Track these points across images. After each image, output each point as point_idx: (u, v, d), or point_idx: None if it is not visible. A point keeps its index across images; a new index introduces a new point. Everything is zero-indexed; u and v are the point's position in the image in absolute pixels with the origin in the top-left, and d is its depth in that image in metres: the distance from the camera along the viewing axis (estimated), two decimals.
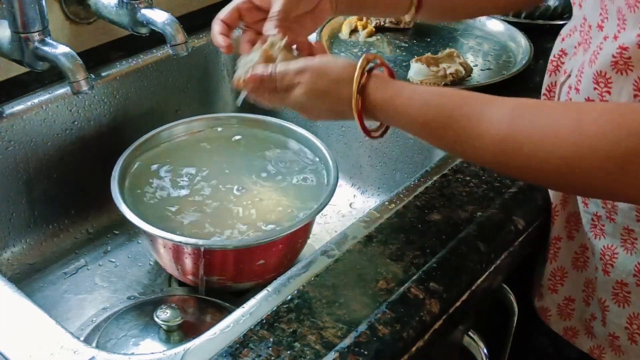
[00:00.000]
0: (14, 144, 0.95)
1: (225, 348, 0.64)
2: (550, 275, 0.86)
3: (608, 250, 0.78)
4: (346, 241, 0.76)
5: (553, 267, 0.86)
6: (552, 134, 0.60)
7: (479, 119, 0.63)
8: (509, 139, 0.61)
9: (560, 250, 0.85)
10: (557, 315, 0.87)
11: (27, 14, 0.86)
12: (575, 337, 0.86)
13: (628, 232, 0.75)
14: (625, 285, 0.77)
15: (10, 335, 0.65)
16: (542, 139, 0.60)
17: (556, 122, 0.60)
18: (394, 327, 0.66)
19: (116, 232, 1.06)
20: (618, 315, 0.79)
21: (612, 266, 0.78)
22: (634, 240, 0.75)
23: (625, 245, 0.76)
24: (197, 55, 1.16)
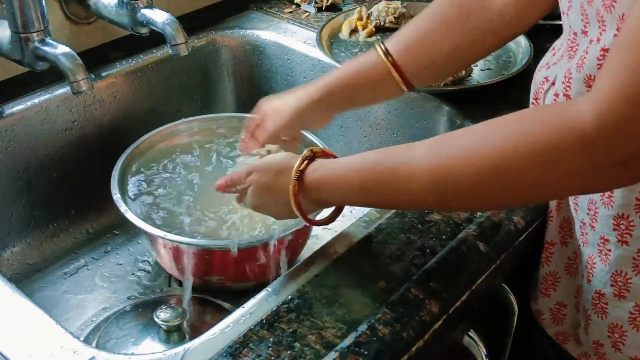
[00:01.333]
0: (14, 144, 0.95)
1: (225, 348, 0.64)
2: (542, 280, 0.86)
3: (590, 259, 0.78)
4: (346, 241, 0.76)
5: (546, 272, 0.85)
6: (477, 147, 0.60)
7: (407, 164, 0.64)
8: (439, 168, 0.62)
9: (554, 255, 0.84)
10: (550, 319, 0.87)
11: (27, 14, 0.86)
12: (565, 342, 0.86)
13: (604, 241, 0.75)
14: (602, 296, 0.77)
15: (10, 335, 0.65)
16: (467, 155, 0.60)
17: (475, 137, 0.61)
18: (394, 327, 0.66)
19: (116, 232, 1.06)
20: (599, 325, 0.79)
21: (592, 275, 0.78)
22: (607, 251, 0.75)
23: (600, 255, 0.76)
24: (197, 55, 1.16)
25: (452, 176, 0.61)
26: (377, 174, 0.66)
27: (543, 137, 0.56)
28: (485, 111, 0.97)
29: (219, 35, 1.19)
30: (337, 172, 0.69)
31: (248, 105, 1.23)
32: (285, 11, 1.27)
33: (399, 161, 0.65)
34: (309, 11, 1.27)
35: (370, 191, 0.67)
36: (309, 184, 0.70)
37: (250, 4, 1.28)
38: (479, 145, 0.60)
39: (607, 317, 0.78)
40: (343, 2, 1.30)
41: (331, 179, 0.69)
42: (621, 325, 0.77)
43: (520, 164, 0.57)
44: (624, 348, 0.78)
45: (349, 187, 0.68)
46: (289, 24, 1.22)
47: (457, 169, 0.61)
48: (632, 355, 0.78)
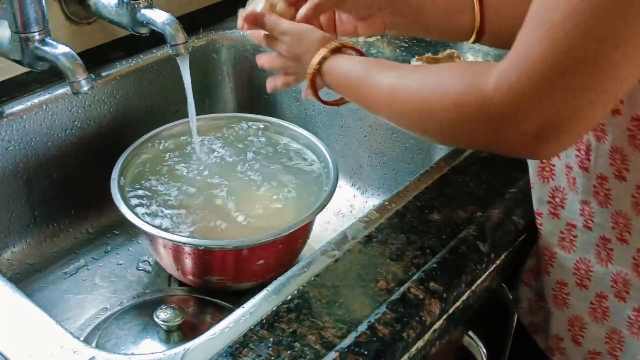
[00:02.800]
0: (14, 144, 0.95)
1: (225, 348, 0.64)
2: (527, 270, 0.86)
3: (547, 250, 0.79)
4: (346, 241, 0.76)
5: (531, 263, 0.86)
6: (413, 84, 0.67)
7: (379, 79, 0.71)
8: (394, 90, 0.69)
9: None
10: (527, 309, 0.87)
11: (27, 14, 0.86)
12: (536, 333, 0.87)
13: (570, 227, 0.76)
14: (564, 286, 0.78)
15: (10, 335, 0.65)
16: (409, 88, 0.68)
17: (420, 75, 0.68)
18: (394, 327, 0.66)
19: (116, 232, 1.06)
20: (559, 319, 0.80)
21: (551, 266, 0.79)
22: (573, 238, 0.75)
23: (562, 244, 0.77)
24: (197, 55, 1.16)
25: (398, 103, 0.69)
26: (362, 79, 0.74)
27: (455, 87, 0.62)
28: None
29: (219, 35, 1.19)
30: (343, 66, 0.76)
31: (248, 105, 1.24)
32: None
33: (376, 74, 0.72)
34: None
35: (355, 91, 0.75)
36: (323, 71, 0.77)
37: None
38: (415, 83, 0.68)
39: (569, 308, 0.79)
40: None
41: (338, 73, 0.76)
42: (581, 317, 0.78)
43: (433, 105, 0.64)
44: (584, 341, 0.79)
45: (346, 83, 0.76)
46: None
47: (399, 97, 0.69)
48: (591, 348, 0.79)
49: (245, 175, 0.97)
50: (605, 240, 0.73)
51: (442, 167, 0.87)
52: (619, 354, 0.77)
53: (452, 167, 0.87)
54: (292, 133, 1.03)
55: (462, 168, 0.87)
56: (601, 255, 0.74)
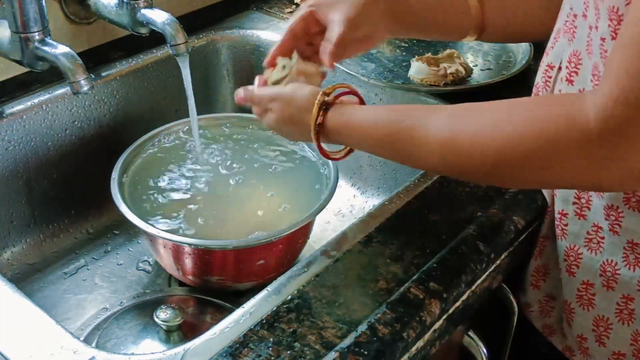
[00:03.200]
0: (14, 144, 0.95)
1: (225, 348, 0.64)
2: (534, 272, 0.86)
3: (571, 251, 0.78)
4: (346, 241, 0.76)
5: (537, 264, 0.85)
6: (487, 130, 0.63)
7: (424, 128, 0.67)
8: (451, 141, 0.65)
9: (546, 248, 0.84)
10: (539, 312, 0.87)
11: (27, 14, 0.86)
12: (552, 335, 0.86)
13: (597, 229, 0.75)
14: (590, 286, 0.77)
15: (10, 335, 0.65)
16: (477, 135, 0.63)
17: (489, 118, 0.64)
18: (394, 327, 0.66)
19: (116, 232, 1.06)
20: (584, 318, 0.79)
21: (577, 267, 0.78)
22: (600, 239, 0.75)
23: (589, 245, 0.76)
24: (197, 55, 1.16)
25: (459, 153, 0.64)
26: (393, 132, 0.69)
27: (550, 128, 0.59)
28: None
29: (219, 35, 1.19)
30: (356, 122, 0.72)
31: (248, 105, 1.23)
32: (285, 11, 1.27)
33: (415, 124, 0.68)
34: None
35: (385, 146, 0.71)
36: (328, 129, 0.74)
37: (250, 4, 1.28)
38: (489, 128, 0.63)
39: (595, 308, 0.78)
40: None
41: (349, 127, 0.73)
42: (607, 317, 0.77)
43: (524, 151, 0.60)
44: (608, 342, 0.78)
45: (365, 137, 0.72)
46: None
47: (466, 146, 0.64)
48: (615, 350, 0.78)
49: (245, 175, 0.97)
50: (633, 245, 0.73)
51: None
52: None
53: None
54: None
55: None
56: (629, 258, 0.73)
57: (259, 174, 0.97)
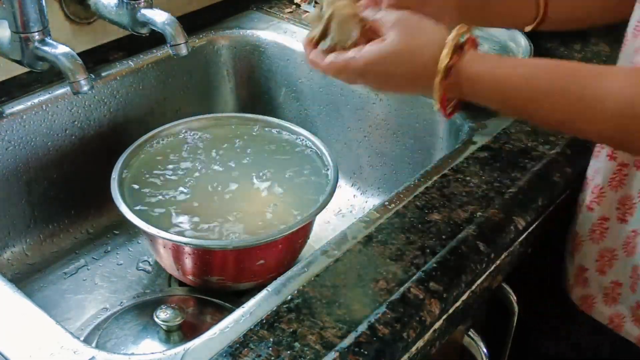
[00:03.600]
0: (14, 144, 0.95)
1: (225, 348, 0.64)
2: (598, 257, 0.83)
3: (607, 252, 0.77)
4: (346, 241, 0.76)
5: (601, 248, 0.82)
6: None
7: (598, 86, 0.61)
8: (634, 101, 0.59)
9: (609, 230, 0.81)
10: (603, 302, 0.84)
11: (27, 14, 0.86)
12: (621, 324, 0.83)
13: (635, 234, 0.74)
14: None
15: (10, 335, 0.65)
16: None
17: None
18: (394, 327, 0.66)
19: (116, 232, 1.06)
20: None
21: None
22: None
23: (626, 248, 0.75)
24: (197, 55, 1.16)
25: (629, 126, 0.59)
26: (557, 89, 0.62)
27: None
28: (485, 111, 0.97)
29: (219, 35, 1.19)
30: (504, 71, 0.64)
31: (248, 105, 1.24)
32: (285, 11, 1.27)
33: (587, 83, 0.61)
34: (309, 11, 1.27)
35: (541, 104, 0.63)
36: (460, 78, 0.64)
37: (250, 4, 1.28)
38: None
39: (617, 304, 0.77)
40: None
41: (494, 79, 0.64)
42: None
43: None
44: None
45: (515, 93, 0.64)
46: (289, 24, 1.22)
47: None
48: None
49: (245, 175, 0.97)
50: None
51: (442, 167, 0.87)
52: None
53: (452, 167, 0.87)
54: (292, 133, 1.03)
55: (462, 168, 0.87)
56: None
57: (259, 174, 0.97)
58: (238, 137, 1.04)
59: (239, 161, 1.00)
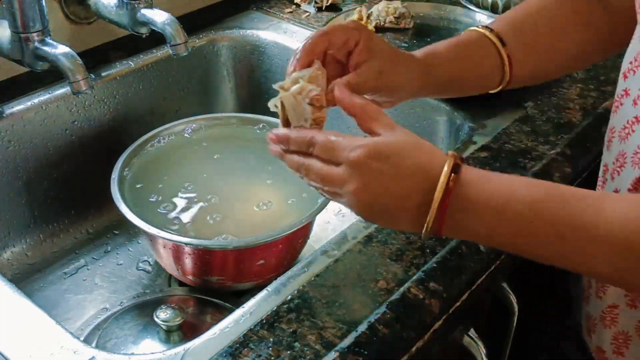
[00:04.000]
0: (14, 144, 0.95)
1: (225, 348, 0.64)
2: (612, 340, 0.79)
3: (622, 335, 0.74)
4: (346, 241, 0.76)
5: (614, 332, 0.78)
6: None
7: (594, 217, 0.55)
8: (630, 238, 0.54)
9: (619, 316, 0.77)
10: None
11: (27, 14, 0.86)
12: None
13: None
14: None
15: (10, 335, 0.65)
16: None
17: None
18: (394, 327, 0.66)
19: (116, 232, 1.06)
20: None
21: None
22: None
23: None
24: (197, 55, 1.16)
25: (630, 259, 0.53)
26: (551, 219, 0.55)
27: None
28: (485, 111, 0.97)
29: (219, 35, 1.19)
30: (497, 198, 0.56)
31: (248, 105, 1.24)
32: (285, 11, 1.27)
33: (584, 213, 0.55)
34: (309, 11, 1.27)
35: (537, 237, 0.56)
36: (460, 199, 0.57)
37: (250, 4, 1.28)
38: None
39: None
40: (343, 2, 1.30)
41: (485, 204, 0.56)
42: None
43: None
44: None
45: (507, 221, 0.57)
46: (289, 24, 1.22)
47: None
48: None
49: (245, 175, 0.97)
50: None
51: None
52: None
53: None
54: None
55: None
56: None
57: (259, 174, 0.97)
58: (238, 137, 1.04)
59: (239, 161, 0.99)
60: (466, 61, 0.79)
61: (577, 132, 0.93)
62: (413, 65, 0.74)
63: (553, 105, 0.99)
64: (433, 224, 0.57)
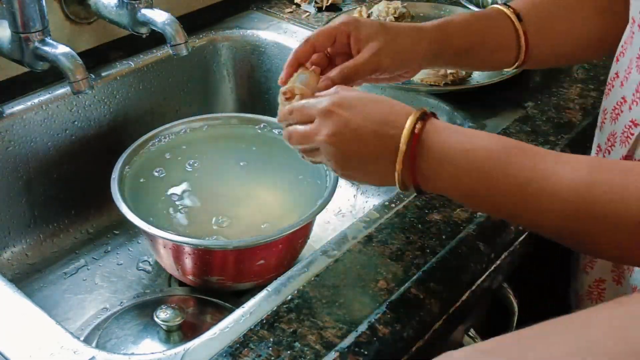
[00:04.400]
0: (14, 144, 0.95)
1: (225, 348, 0.64)
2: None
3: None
4: (346, 241, 0.76)
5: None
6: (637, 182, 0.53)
7: (551, 180, 0.56)
8: (585, 198, 0.55)
9: (605, 291, 0.79)
10: None
11: (27, 14, 0.86)
12: None
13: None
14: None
15: (10, 335, 0.65)
16: (623, 194, 0.54)
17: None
18: (394, 327, 0.66)
19: (116, 232, 1.06)
20: None
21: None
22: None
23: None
24: (197, 55, 1.16)
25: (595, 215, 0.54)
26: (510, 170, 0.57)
27: None
28: (485, 111, 0.97)
29: (219, 35, 1.19)
30: (460, 147, 0.58)
31: (248, 105, 1.24)
32: (286, 11, 1.27)
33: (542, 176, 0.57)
34: (309, 11, 1.27)
35: (496, 188, 0.58)
36: (426, 148, 0.59)
37: (250, 4, 1.28)
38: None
39: None
40: (343, 2, 1.30)
41: (448, 153, 0.58)
42: None
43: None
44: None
45: (468, 171, 0.58)
46: (289, 24, 1.22)
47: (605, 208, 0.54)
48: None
49: (245, 175, 0.97)
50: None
51: None
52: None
53: None
54: None
55: None
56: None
57: (259, 174, 0.97)
58: (238, 137, 1.04)
59: (239, 161, 1.00)
60: (482, 32, 0.80)
61: (577, 132, 0.93)
62: (419, 35, 0.76)
63: (553, 105, 0.99)
64: (403, 171, 0.60)
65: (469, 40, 0.79)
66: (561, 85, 1.03)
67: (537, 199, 0.57)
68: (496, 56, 0.82)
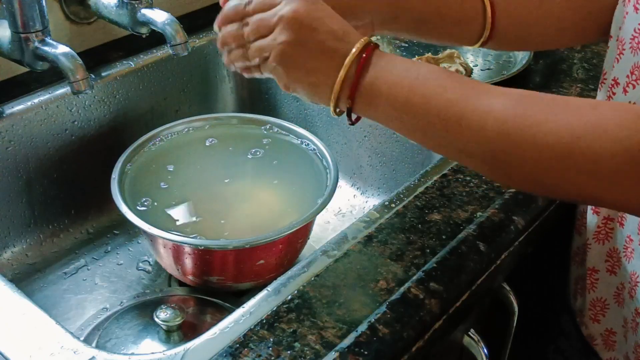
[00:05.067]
0: (14, 144, 0.95)
1: (225, 348, 0.64)
2: (590, 306, 0.82)
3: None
4: (346, 241, 0.76)
5: (593, 298, 0.81)
6: (563, 113, 0.55)
7: (480, 108, 0.57)
8: (514, 124, 0.56)
9: (599, 281, 0.80)
10: (602, 345, 0.83)
11: (27, 14, 0.86)
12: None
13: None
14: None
15: (10, 335, 0.65)
16: (551, 116, 0.55)
17: (569, 105, 0.56)
18: (394, 327, 0.66)
19: (116, 232, 1.06)
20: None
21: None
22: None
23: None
24: (197, 55, 1.16)
25: (522, 141, 0.55)
26: (441, 100, 0.58)
27: (624, 131, 0.52)
28: None
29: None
30: (399, 72, 0.59)
31: (248, 105, 1.24)
32: None
33: (472, 105, 0.58)
34: None
35: (420, 119, 0.60)
36: (368, 76, 0.59)
37: None
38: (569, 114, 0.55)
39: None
40: None
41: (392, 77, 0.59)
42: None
43: (584, 148, 0.53)
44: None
45: (406, 97, 0.59)
46: None
47: (533, 130, 0.55)
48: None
49: (245, 175, 0.97)
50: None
51: (442, 167, 0.87)
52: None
53: (452, 167, 0.87)
54: (292, 133, 1.03)
55: (462, 168, 0.87)
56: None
57: (259, 174, 0.97)
58: (238, 137, 1.04)
59: (239, 161, 1.00)
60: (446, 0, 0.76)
61: None
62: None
63: None
64: (346, 79, 0.60)
65: (428, 8, 0.75)
66: (561, 85, 1.03)
67: (467, 124, 0.57)
68: (458, 28, 0.77)
